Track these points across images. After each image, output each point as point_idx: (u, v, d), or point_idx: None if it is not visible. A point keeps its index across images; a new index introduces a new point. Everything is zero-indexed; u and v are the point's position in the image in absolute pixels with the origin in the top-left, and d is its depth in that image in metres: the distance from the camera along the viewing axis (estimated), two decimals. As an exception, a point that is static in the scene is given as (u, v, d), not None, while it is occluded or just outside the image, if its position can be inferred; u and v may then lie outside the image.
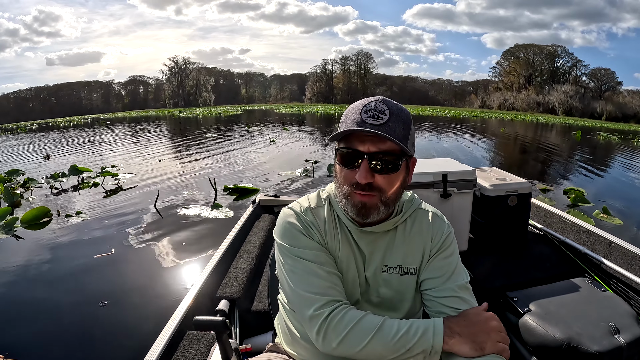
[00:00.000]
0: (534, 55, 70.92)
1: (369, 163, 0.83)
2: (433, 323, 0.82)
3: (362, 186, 0.84)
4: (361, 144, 0.83)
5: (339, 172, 0.89)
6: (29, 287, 3.04)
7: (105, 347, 2.28)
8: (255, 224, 2.78)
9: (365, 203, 0.85)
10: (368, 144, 0.83)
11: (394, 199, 0.89)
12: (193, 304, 1.62)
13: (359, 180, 0.83)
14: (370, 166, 0.83)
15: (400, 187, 0.89)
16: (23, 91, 75.83)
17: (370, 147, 0.83)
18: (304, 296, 0.87)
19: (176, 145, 13.07)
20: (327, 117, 29.14)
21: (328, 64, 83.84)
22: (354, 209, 0.87)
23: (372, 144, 0.83)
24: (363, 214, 0.87)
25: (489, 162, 10.02)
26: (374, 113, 0.83)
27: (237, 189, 5.98)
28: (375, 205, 0.86)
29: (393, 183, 0.86)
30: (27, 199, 5.75)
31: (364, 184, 0.83)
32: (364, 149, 0.83)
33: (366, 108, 0.84)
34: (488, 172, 2.61)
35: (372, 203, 0.86)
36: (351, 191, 0.86)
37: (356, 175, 0.83)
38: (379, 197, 0.86)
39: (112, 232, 4.23)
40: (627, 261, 2.05)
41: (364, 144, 0.83)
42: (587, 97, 61.24)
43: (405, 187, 0.93)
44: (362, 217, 0.87)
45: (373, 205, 0.86)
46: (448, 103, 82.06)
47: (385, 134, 0.81)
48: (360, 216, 0.87)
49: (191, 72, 79.69)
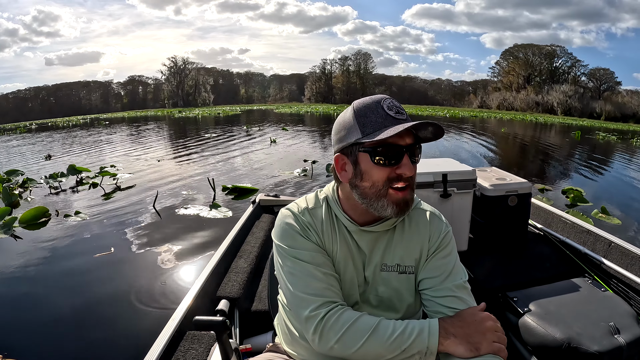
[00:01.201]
0: (533, 55, 71.03)
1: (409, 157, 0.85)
2: (428, 324, 0.82)
3: (406, 179, 0.85)
4: (400, 139, 0.84)
5: (371, 173, 0.86)
6: (28, 286, 3.04)
7: (104, 347, 2.27)
8: (255, 224, 2.78)
9: (407, 199, 0.87)
10: (405, 137, 0.85)
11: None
12: (193, 304, 1.62)
13: (408, 173, 0.84)
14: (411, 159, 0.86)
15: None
16: (22, 91, 75.77)
17: (407, 140, 0.85)
18: (300, 297, 0.87)
19: (175, 146, 13.07)
20: (326, 117, 29.12)
21: (327, 64, 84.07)
22: (396, 207, 0.87)
23: (408, 137, 0.85)
24: (404, 210, 0.88)
25: (488, 161, 10.03)
26: (397, 109, 0.86)
27: (235, 188, 5.98)
28: (413, 198, 0.90)
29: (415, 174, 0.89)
30: (26, 199, 5.75)
31: (409, 176, 0.85)
32: (403, 143, 0.85)
33: (387, 105, 0.86)
34: (488, 172, 2.62)
35: (411, 196, 0.89)
36: (388, 188, 0.86)
37: (399, 170, 0.85)
38: (412, 188, 0.89)
39: (110, 232, 4.23)
40: (627, 261, 2.05)
41: (402, 138, 0.85)
42: (586, 97, 61.35)
43: None
44: (402, 212, 0.88)
45: (412, 198, 0.89)
46: (447, 103, 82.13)
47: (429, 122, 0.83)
48: (402, 212, 0.88)
49: (190, 72, 79.72)
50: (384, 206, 0.86)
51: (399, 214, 0.87)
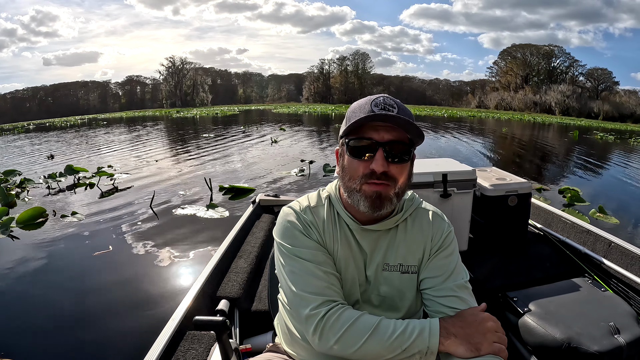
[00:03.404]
0: (531, 55, 71.12)
1: (384, 152, 0.83)
2: (429, 323, 0.82)
3: (378, 175, 0.84)
4: (375, 133, 0.84)
5: (348, 166, 0.88)
6: (25, 286, 3.03)
7: (103, 347, 2.26)
8: (255, 224, 2.78)
9: (380, 192, 0.85)
10: (382, 132, 0.84)
11: (403, 191, 0.89)
12: (193, 304, 1.62)
13: (376, 168, 0.83)
14: (385, 155, 0.84)
15: (408, 180, 0.90)
16: (20, 91, 75.43)
17: (385, 135, 0.84)
18: (301, 296, 0.87)
19: (173, 146, 13.04)
20: (325, 117, 29.13)
21: (325, 64, 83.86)
22: (368, 200, 0.86)
23: (387, 133, 0.84)
24: (377, 205, 0.86)
25: (485, 160, 10.04)
26: (385, 106, 0.84)
27: (232, 188, 5.97)
28: (389, 196, 0.86)
29: (404, 174, 0.87)
30: (24, 199, 5.73)
31: (380, 172, 0.83)
32: (378, 138, 0.84)
33: (375, 102, 0.85)
34: (488, 172, 2.62)
35: (386, 193, 0.86)
36: (363, 183, 0.86)
37: (371, 165, 0.84)
38: (393, 187, 0.86)
39: (108, 233, 4.21)
40: (627, 261, 2.05)
41: (379, 133, 0.84)
42: (584, 97, 61.44)
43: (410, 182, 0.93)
44: (376, 208, 0.86)
45: (387, 195, 0.86)
46: (445, 103, 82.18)
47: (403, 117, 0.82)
48: (374, 207, 0.86)
49: (188, 72, 79.49)
50: (358, 200, 0.87)
51: (372, 208, 0.87)
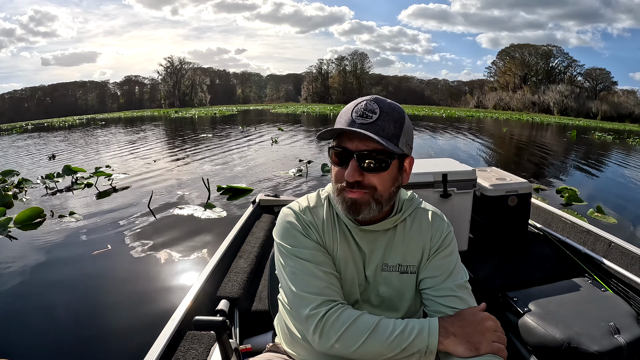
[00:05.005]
0: (530, 55, 71.35)
1: (357, 161, 0.84)
2: (428, 323, 0.82)
3: (351, 184, 0.85)
4: (350, 143, 0.85)
5: (332, 171, 0.91)
6: (24, 287, 3.01)
7: (103, 348, 2.25)
8: (255, 224, 2.77)
9: (355, 200, 0.86)
10: (356, 142, 0.84)
11: (387, 198, 0.89)
12: (193, 304, 1.61)
13: (347, 178, 0.84)
14: (359, 164, 0.84)
15: (394, 186, 0.89)
16: (18, 91, 75.41)
17: (358, 145, 0.84)
18: (300, 296, 0.87)
19: (171, 146, 13.02)
20: (323, 117, 29.13)
21: (324, 64, 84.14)
22: (344, 205, 0.87)
23: (361, 143, 0.84)
24: (353, 211, 0.87)
25: (484, 160, 10.06)
26: (364, 112, 0.84)
27: (230, 189, 5.97)
28: (367, 202, 0.86)
29: (384, 181, 0.86)
30: (21, 199, 5.71)
31: (352, 182, 0.84)
32: (352, 148, 0.84)
33: (357, 108, 0.85)
34: (488, 172, 2.62)
35: (362, 200, 0.86)
36: (342, 188, 0.87)
37: (345, 174, 0.84)
38: (370, 194, 0.86)
39: (105, 233, 4.20)
40: (627, 261, 2.05)
41: (353, 143, 0.84)
42: (582, 97, 61.68)
43: (401, 186, 0.93)
44: (353, 213, 0.88)
45: (364, 202, 0.86)
46: (444, 103, 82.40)
47: (368, 133, 0.81)
48: (351, 213, 0.88)
49: (187, 72, 79.48)
50: (340, 203, 0.89)
51: (349, 213, 0.88)
